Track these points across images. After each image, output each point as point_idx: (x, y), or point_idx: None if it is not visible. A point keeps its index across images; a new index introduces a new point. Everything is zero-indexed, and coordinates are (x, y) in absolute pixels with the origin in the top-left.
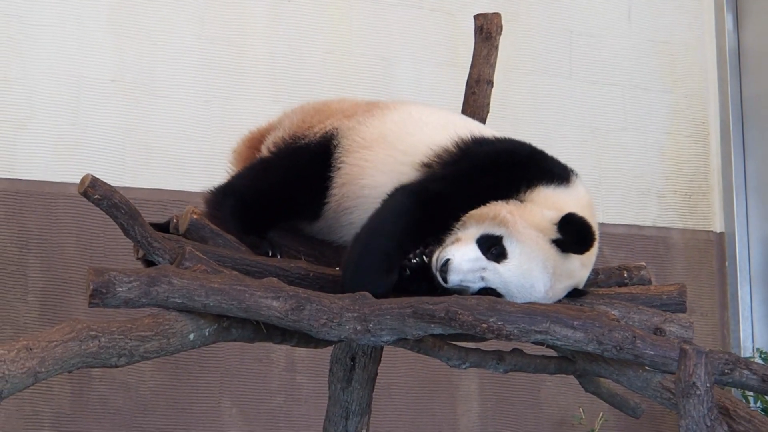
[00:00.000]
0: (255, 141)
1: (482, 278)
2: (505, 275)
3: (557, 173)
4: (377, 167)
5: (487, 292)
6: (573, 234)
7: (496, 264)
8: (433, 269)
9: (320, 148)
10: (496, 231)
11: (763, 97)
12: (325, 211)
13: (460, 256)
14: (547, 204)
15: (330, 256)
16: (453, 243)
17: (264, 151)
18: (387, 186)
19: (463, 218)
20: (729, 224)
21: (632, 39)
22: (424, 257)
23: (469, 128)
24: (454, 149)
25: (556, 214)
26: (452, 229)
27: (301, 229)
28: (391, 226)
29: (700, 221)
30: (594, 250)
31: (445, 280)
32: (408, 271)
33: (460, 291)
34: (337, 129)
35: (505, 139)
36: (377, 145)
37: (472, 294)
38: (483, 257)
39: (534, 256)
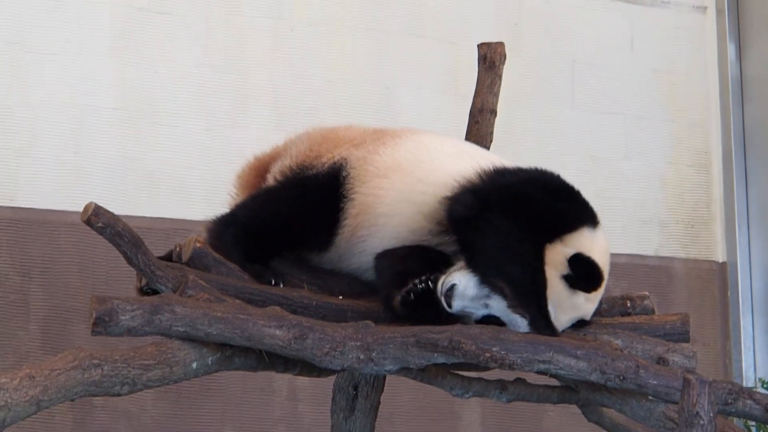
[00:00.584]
0: (260, 167)
1: (486, 305)
2: None
3: (591, 217)
4: (394, 196)
5: (490, 319)
6: (582, 272)
7: None
8: (438, 294)
9: (329, 179)
10: None
11: (765, 127)
12: (336, 241)
13: (466, 282)
14: (575, 246)
15: (333, 285)
16: (460, 269)
17: (270, 180)
18: (405, 214)
19: None
20: (731, 254)
21: (634, 68)
22: (429, 283)
23: (489, 158)
24: (477, 180)
25: (570, 251)
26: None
27: (306, 259)
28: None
29: (702, 251)
30: (600, 288)
31: (449, 305)
32: (412, 296)
33: (464, 316)
34: (346, 159)
35: (533, 170)
36: (393, 173)
37: (476, 321)
38: None
39: None
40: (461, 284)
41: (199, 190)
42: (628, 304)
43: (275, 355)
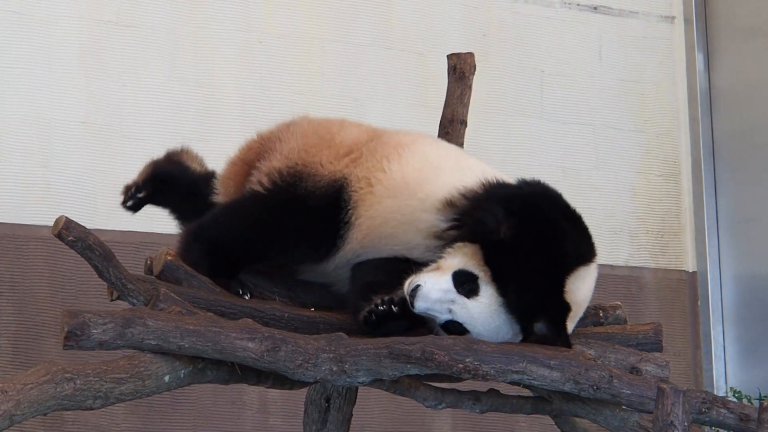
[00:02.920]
0: (252, 156)
1: (450, 310)
2: (473, 311)
3: (591, 253)
4: (396, 217)
5: (454, 324)
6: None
7: (465, 299)
8: (405, 292)
9: (326, 200)
10: (475, 270)
11: (734, 136)
12: (332, 260)
13: (431, 284)
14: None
15: (305, 297)
16: (431, 270)
17: (254, 179)
18: (407, 234)
19: (457, 244)
20: (701, 263)
21: (603, 78)
22: (392, 306)
23: (493, 171)
24: (479, 190)
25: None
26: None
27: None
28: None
29: (672, 260)
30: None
31: (412, 304)
32: (374, 317)
33: (429, 319)
34: (346, 179)
35: (538, 183)
36: (400, 193)
37: (440, 324)
38: (454, 290)
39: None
40: (426, 286)
41: None
42: (601, 314)
43: (247, 367)
